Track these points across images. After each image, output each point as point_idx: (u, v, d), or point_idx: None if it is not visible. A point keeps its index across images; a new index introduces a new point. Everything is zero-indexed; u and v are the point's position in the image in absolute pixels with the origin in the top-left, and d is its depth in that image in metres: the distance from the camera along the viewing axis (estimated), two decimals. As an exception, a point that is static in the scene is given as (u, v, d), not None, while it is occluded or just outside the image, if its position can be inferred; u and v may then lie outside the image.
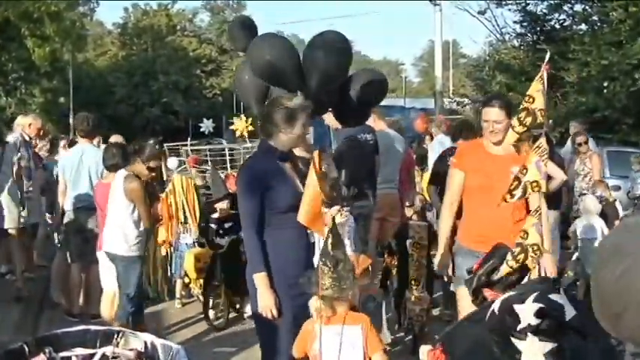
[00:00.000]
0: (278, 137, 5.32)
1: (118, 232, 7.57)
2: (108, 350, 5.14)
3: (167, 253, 10.27)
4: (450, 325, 5.53)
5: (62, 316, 9.00)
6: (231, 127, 11.56)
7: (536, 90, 4.91)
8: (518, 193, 4.69)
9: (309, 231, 5.23)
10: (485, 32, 40.26)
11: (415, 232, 7.92)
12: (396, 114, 27.58)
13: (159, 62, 59.45)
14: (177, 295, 10.06)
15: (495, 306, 2.59)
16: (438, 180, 8.81)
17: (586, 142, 12.63)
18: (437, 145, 12.65)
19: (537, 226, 4.53)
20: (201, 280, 9.68)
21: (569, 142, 13.72)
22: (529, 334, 2.44)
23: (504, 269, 4.42)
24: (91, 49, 63.66)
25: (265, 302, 5.12)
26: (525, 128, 5.08)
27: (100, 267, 8.15)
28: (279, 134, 5.30)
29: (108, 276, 7.99)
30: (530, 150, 4.87)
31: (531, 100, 4.91)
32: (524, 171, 4.63)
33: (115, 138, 11.75)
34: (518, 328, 2.45)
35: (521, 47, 29.18)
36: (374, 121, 10.09)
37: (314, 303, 4.77)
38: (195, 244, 9.99)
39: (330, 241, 4.80)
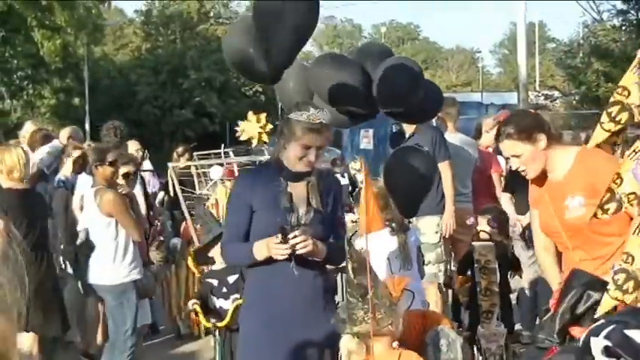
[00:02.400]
0: (281, 149, 5.21)
1: (102, 259, 7.54)
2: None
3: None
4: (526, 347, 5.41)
5: (77, 356, 9.07)
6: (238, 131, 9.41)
7: (633, 82, 4.76)
8: (611, 207, 4.52)
9: (292, 266, 4.93)
10: (578, 11, 39.79)
11: (480, 254, 7.73)
12: (471, 112, 27.48)
13: (189, 56, 59.76)
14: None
15: (581, 339, 2.60)
16: (513, 187, 8.84)
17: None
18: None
19: None
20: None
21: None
22: None
23: (606, 302, 4.29)
24: (110, 42, 64.43)
25: (272, 250, 4.89)
26: (619, 126, 4.92)
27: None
28: (282, 146, 5.19)
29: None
30: (625, 156, 4.66)
31: (626, 92, 4.79)
32: (619, 181, 4.46)
33: (132, 145, 11.90)
34: None
35: (623, 28, 28.55)
36: (441, 122, 10.19)
37: (347, 344, 4.76)
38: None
39: (350, 266, 4.83)
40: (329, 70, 7.23)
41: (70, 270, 9.51)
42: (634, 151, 4.41)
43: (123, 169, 7.77)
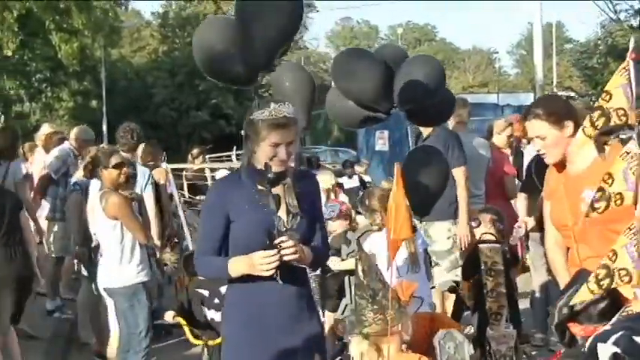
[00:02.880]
0: (251, 154, 4.88)
1: (110, 261, 7.58)
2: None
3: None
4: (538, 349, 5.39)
5: (92, 358, 9.12)
6: None
7: (617, 85, 4.73)
8: (601, 206, 4.53)
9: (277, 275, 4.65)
10: (596, 11, 39.48)
11: (487, 256, 7.72)
12: (487, 113, 27.41)
13: (206, 57, 59.81)
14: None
15: (587, 344, 2.61)
16: (529, 188, 8.81)
17: None
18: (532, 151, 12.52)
19: (630, 247, 4.37)
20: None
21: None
22: None
23: (582, 292, 4.30)
24: (127, 44, 64.59)
25: (254, 266, 4.62)
26: (596, 132, 4.85)
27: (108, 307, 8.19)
28: (251, 151, 4.87)
29: (113, 317, 8.01)
30: (617, 156, 4.64)
31: (608, 97, 4.73)
32: (610, 180, 4.47)
33: (144, 148, 11.98)
34: None
35: None
36: (453, 123, 10.21)
37: (359, 346, 4.77)
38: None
39: (360, 268, 4.81)
40: (354, 63, 7.32)
41: (84, 272, 9.59)
42: (626, 152, 4.42)
43: (113, 160, 7.72)
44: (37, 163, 11.10)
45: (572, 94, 31.57)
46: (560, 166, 5.40)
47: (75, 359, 9.30)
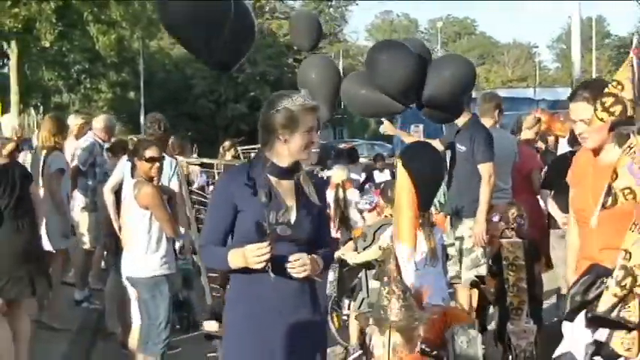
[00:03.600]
0: (274, 147, 4.82)
1: (136, 251, 7.61)
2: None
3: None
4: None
5: (117, 348, 9.17)
6: None
7: (625, 77, 4.75)
8: (609, 201, 4.54)
9: (269, 268, 4.58)
10: (635, 6, 39.47)
11: (508, 251, 7.77)
12: (522, 107, 27.27)
13: (244, 50, 59.99)
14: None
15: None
16: (554, 182, 8.78)
17: None
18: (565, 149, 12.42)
19: None
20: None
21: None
22: None
23: (607, 298, 4.33)
24: (166, 36, 64.68)
25: (248, 254, 4.57)
26: (612, 117, 4.80)
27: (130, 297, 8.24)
28: (276, 144, 4.81)
29: (135, 308, 8.05)
30: (621, 151, 4.63)
31: (620, 86, 4.71)
32: (614, 176, 4.47)
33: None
34: None
35: None
36: (482, 116, 10.18)
37: (393, 339, 4.74)
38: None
39: (392, 263, 4.78)
40: (389, 55, 7.36)
41: (111, 262, 9.65)
42: (629, 146, 4.41)
43: (148, 154, 7.80)
44: (68, 152, 11.16)
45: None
46: (595, 153, 5.32)
47: (101, 349, 9.34)
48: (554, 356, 2.46)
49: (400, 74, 7.25)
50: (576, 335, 4.46)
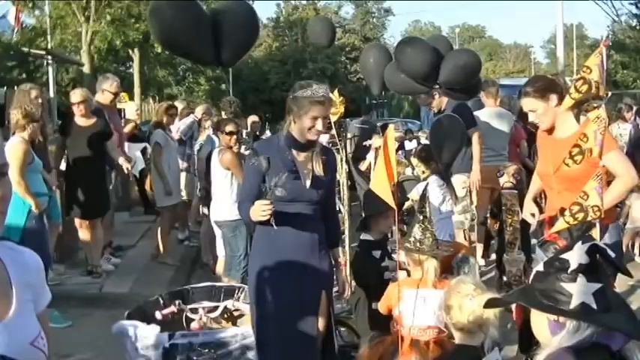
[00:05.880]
0: (291, 126, 4.64)
1: (221, 201, 7.71)
2: (229, 303, 5.37)
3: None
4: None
5: (210, 274, 9.24)
6: None
7: (594, 63, 4.78)
8: (578, 158, 4.53)
9: (272, 222, 4.37)
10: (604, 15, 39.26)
11: (507, 199, 7.76)
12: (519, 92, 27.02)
13: (308, 51, 59.91)
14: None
15: (539, 268, 2.53)
16: None
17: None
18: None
19: (598, 189, 4.39)
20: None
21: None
22: (579, 275, 2.40)
23: (560, 224, 4.40)
24: (249, 41, 64.96)
25: (256, 210, 4.36)
26: (580, 95, 4.83)
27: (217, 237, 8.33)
28: (291, 123, 4.63)
29: (221, 244, 8.12)
30: (589, 119, 4.63)
31: (588, 70, 4.74)
32: (585, 139, 4.48)
33: (252, 118, 12.14)
34: (570, 271, 2.41)
35: (636, 27, 28.32)
36: (484, 98, 10.03)
37: (433, 264, 4.61)
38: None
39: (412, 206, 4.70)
40: (411, 49, 7.30)
41: (205, 211, 9.71)
42: (597, 116, 4.41)
43: (227, 129, 7.89)
44: (174, 129, 11.24)
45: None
46: (549, 132, 5.36)
47: (198, 275, 9.40)
48: (533, 272, 2.45)
49: (418, 63, 7.20)
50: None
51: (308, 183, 4.60)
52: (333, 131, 8.04)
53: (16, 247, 2.46)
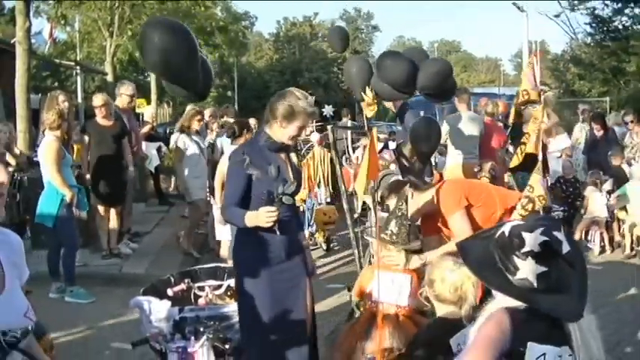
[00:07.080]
0: (273, 128, 4.38)
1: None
2: (232, 282, 5.39)
3: (301, 208, 9.97)
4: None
5: (215, 258, 9.23)
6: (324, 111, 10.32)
7: (525, 73, 5.12)
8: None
9: (276, 229, 4.20)
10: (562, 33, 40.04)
11: None
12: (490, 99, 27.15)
13: (304, 63, 60.05)
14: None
15: (506, 229, 2.59)
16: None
17: (632, 121, 12.18)
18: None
19: (541, 180, 4.63)
20: (325, 231, 10.11)
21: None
22: (529, 257, 2.48)
23: (514, 217, 4.58)
24: (252, 54, 64.82)
25: (261, 217, 4.13)
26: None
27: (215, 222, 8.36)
28: (274, 125, 4.36)
29: (221, 228, 8.23)
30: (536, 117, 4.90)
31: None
32: (527, 137, 4.83)
33: (251, 121, 12.17)
34: (522, 251, 2.49)
35: (590, 44, 28.82)
36: (458, 104, 10.09)
37: (401, 259, 4.59)
38: (324, 202, 10.43)
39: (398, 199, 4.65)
40: (390, 61, 7.32)
41: (212, 201, 9.71)
42: (534, 117, 4.72)
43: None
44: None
45: (547, 87, 31.76)
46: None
47: (205, 259, 9.37)
48: (499, 231, 2.58)
49: (395, 74, 7.23)
50: None
51: (290, 179, 4.43)
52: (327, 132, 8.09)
53: (1, 229, 2.48)
